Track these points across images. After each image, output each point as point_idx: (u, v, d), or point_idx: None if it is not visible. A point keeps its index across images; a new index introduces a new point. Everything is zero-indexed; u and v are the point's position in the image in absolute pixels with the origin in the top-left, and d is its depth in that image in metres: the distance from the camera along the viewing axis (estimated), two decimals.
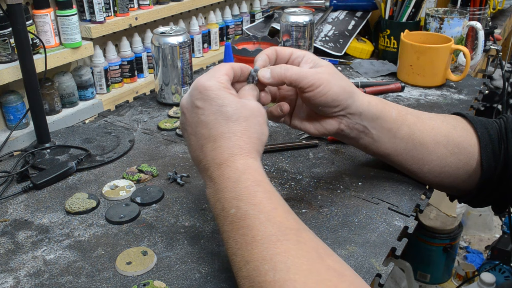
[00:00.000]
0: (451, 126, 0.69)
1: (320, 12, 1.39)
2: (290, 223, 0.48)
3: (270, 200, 0.49)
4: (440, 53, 1.06)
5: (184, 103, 0.57)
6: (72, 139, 0.86)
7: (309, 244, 0.46)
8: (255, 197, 0.49)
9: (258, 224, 0.47)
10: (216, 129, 0.53)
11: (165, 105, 1.01)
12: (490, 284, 1.52)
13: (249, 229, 0.47)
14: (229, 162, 0.52)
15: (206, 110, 0.54)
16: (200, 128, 0.54)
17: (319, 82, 0.60)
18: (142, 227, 0.63)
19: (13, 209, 0.67)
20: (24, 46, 0.76)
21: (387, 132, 0.66)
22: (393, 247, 0.59)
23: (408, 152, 0.68)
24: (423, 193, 0.71)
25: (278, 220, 0.47)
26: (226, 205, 0.50)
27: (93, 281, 0.54)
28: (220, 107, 0.54)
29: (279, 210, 0.49)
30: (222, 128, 0.53)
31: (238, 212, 0.48)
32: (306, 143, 0.83)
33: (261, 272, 0.43)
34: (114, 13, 1.02)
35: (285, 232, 0.46)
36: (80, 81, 0.98)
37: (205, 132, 0.54)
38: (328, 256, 0.45)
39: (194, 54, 1.27)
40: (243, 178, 0.51)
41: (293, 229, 0.47)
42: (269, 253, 0.44)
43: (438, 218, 1.68)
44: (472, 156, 0.67)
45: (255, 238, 0.46)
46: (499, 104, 1.99)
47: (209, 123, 0.54)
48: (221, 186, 0.51)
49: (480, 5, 1.33)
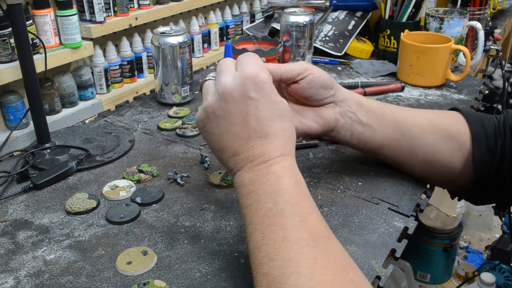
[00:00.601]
0: (435, 113, 0.71)
1: (320, 12, 1.39)
2: (322, 230, 0.48)
3: (307, 203, 0.50)
4: (440, 53, 1.06)
5: (231, 88, 0.53)
6: (72, 139, 0.86)
7: (336, 255, 0.46)
8: (294, 197, 0.49)
9: (292, 225, 0.47)
10: (270, 126, 0.53)
11: (165, 105, 1.01)
12: (490, 284, 1.52)
13: (282, 227, 0.47)
14: (278, 160, 0.52)
15: (261, 103, 0.53)
16: (251, 120, 0.53)
17: (309, 67, 0.64)
18: (142, 227, 0.63)
19: (13, 209, 0.67)
20: (24, 46, 0.76)
21: (374, 118, 0.68)
22: (393, 248, 0.59)
23: (398, 140, 0.68)
24: (423, 192, 0.71)
25: (311, 225, 0.47)
26: (263, 197, 0.50)
27: (94, 281, 0.54)
28: (274, 103, 0.54)
29: (314, 215, 0.49)
30: (276, 125, 0.53)
31: (274, 208, 0.48)
32: (306, 143, 0.83)
33: (284, 273, 0.43)
34: (114, 13, 1.02)
35: (315, 238, 0.46)
36: (80, 81, 0.98)
37: (257, 126, 0.53)
38: (351, 269, 0.45)
39: (194, 54, 1.27)
40: (287, 176, 0.51)
41: (324, 236, 0.47)
42: (297, 256, 0.44)
43: (438, 218, 1.68)
44: (464, 146, 0.67)
45: (286, 239, 0.45)
46: (499, 104, 1.99)
47: (263, 118, 0.53)
48: (264, 179, 0.51)
49: (480, 5, 1.33)
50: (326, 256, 0.44)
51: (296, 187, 0.51)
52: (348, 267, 0.45)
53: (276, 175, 0.51)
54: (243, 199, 0.52)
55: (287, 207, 0.48)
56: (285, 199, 0.49)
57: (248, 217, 0.50)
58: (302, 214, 0.48)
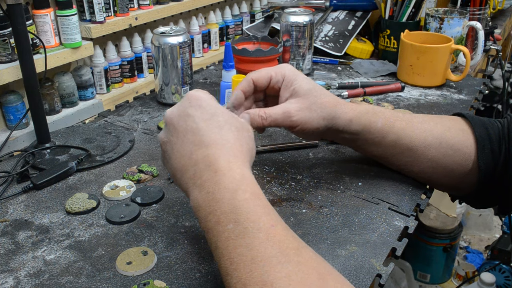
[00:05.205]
0: (446, 128, 0.69)
1: (320, 12, 1.39)
2: (290, 241, 0.45)
3: (269, 216, 0.47)
4: (440, 53, 1.06)
5: (170, 113, 0.55)
6: (72, 139, 0.86)
7: (310, 265, 0.44)
8: (254, 212, 0.46)
9: (258, 243, 0.44)
10: (209, 136, 0.52)
11: (165, 105, 1.01)
12: (490, 284, 1.52)
13: (248, 248, 0.44)
14: (226, 170, 0.49)
15: (197, 117, 0.53)
16: (190, 135, 0.52)
17: (296, 123, 0.64)
18: (142, 227, 0.63)
19: (13, 209, 0.67)
20: (24, 46, 0.76)
21: (371, 142, 0.69)
22: (393, 247, 0.59)
23: (396, 156, 0.70)
24: (423, 193, 0.71)
25: (277, 239, 0.45)
26: (222, 218, 0.47)
27: (94, 281, 0.54)
28: (212, 115, 0.53)
29: (278, 227, 0.46)
30: (215, 135, 0.52)
31: (236, 229, 0.45)
32: (306, 143, 0.83)
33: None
34: (114, 13, 1.02)
35: (285, 252, 0.44)
36: (80, 81, 0.98)
37: (195, 138, 0.52)
38: (329, 276, 0.43)
39: (194, 54, 1.27)
40: (241, 190, 0.48)
41: (293, 248, 0.44)
42: (270, 277, 0.42)
43: (438, 218, 1.68)
44: (468, 157, 0.67)
45: (255, 260, 0.43)
46: (499, 104, 1.99)
47: (201, 130, 0.52)
48: (217, 197, 0.48)
49: (480, 5, 1.33)
50: (299, 269, 0.42)
51: (253, 200, 0.47)
52: (325, 274, 0.43)
53: (229, 191, 0.48)
54: (202, 223, 0.49)
55: (249, 225, 0.45)
56: (245, 217, 0.46)
57: (212, 242, 0.47)
58: (266, 229, 0.45)
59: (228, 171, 0.49)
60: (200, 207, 0.49)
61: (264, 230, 0.45)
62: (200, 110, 0.53)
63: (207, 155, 0.51)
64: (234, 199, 0.47)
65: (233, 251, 0.45)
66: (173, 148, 0.54)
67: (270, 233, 0.45)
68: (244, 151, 0.53)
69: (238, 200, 0.47)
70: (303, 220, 0.64)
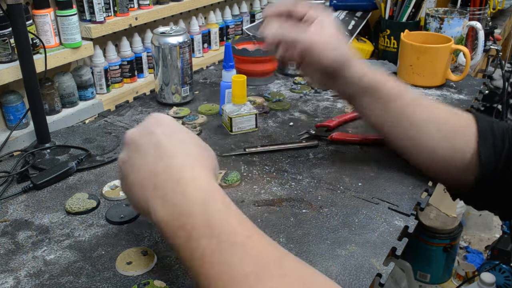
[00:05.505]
0: (453, 113, 0.70)
1: None
2: (269, 252, 0.42)
3: (244, 226, 0.44)
4: (440, 53, 1.06)
5: (131, 133, 0.52)
6: (72, 139, 0.86)
7: (293, 275, 0.41)
8: (228, 223, 0.43)
9: (236, 260, 0.41)
10: (171, 148, 0.49)
11: (165, 105, 1.01)
12: (490, 284, 1.52)
13: (225, 266, 0.41)
14: (190, 179, 0.46)
15: (160, 133, 0.50)
16: (152, 150, 0.49)
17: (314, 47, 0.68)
18: (142, 227, 0.63)
19: (13, 209, 0.67)
20: (24, 46, 0.76)
21: (378, 102, 0.70)
22: (394, 247, 0.59)
23: (399, 128, 0.70)
24: (424, 190, 0.71)
25: (256, 251, 0.42)
26: (194, 234, 0.43)
27: (94, 281, 0.54)
28: (175, 132, 0.51)
29: (255, 237, 0.43)
30: (177, 147, 0.49)
31: (211, 244, 0.42)
32: (306, 143, 0.83)
33: None
34: (114, 13, 1.02)
35: (265, 266, 0.41)
36: (80, 81, 0.98)
37: (157, 151, 0.48)
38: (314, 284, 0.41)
39: (194, 54, 1.27)
40: (212, 200, 0.44)
41: (273, 259, 0.42)
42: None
43: (438, 218, 1.68)
44: (468, 144, 0.66)
45: (234, 278, 0.40)
46: (499, 104, 1.99)
47: (163, 143, 0.49)
48: (185, 210, 0.44)
49: (480, 5, 1.33)
50: (282, 283, 0.40)
51: (226, 210, 0.44)
52: (311, 283, 0.41)
53: (198, 203, 0.44)
54: (170, 239, 0.45)
55: (224, 238, 0.42)
56: (220, 231, 0.42)
57: (186, 260, 0.43)
58: (243, 242, 0.42)
59: (192, 180, 0.46)
60: (166, 223, 0.45)
61: (240, 243, 0.42)
62: (163, 128, 0.51)
63: (169, 165, 0.47)
64: (206, 211, 0.43)
65: (210, 270, 0.41)
66: (133, 164, 0.50)
67: (247, 246, 0.42)
68: (208, 166, 0.50)
69: (210, 213, 0.43)
70: (303, 220, 0.64)
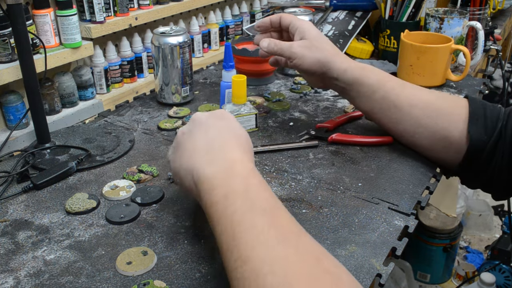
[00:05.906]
0: (438, 96, 0.77)
1: (320, 12, 1.39)
2: (292, 225, 0.48)
3: (273, 200, 0.50)
4: (440, 53, 1.06)
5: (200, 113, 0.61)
6: (72, 139, 0.86)
7: (307, 248, 0.46)
8: (262, 195, 0.50)
9: (263, 223, 0.46)
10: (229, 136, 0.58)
11: (165, 105, 1.01)
12: (490, 284, 1.52)
13: (252, 226, 0.46)
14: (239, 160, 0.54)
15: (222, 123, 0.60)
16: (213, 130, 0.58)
17: (295, 55, 0.78)
18: (142, 227, 0.63)
19: (13, 209, 0.67)
20: (24, 46, 0.76)
21: (362, 94, 0.79)
22: (394, 246, 0.59)
23: (384, 112, 0.78)
24: (425, 188, 0.71)
25: (281, 222, 0.47)
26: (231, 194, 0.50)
27: (94, 281, 0.54)
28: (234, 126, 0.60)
29: (282, 212, 0.49)
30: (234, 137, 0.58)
31: (244, 205, 0.48)
32: (306, 143, 0.83)
33: (259, 275, 0.43)
34: (114, 13, 1.02)
35: (286, 235, 0.46)
36: (80, 81, 0.98)
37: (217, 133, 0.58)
38: (325, 259, 0.45)
39: (194, 54, 1.27)
40: (252, 177, 0.52)
41: (294, 232, 0.47)
42: (269, 256, 0.43)
43: (438, 218, 1.68)
44: (454, 124, 0.72)
45: (258, 238, 0.45)
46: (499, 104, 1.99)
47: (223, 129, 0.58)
48: (229, 174, 0.52)
49: (480, 5, 1.33)
50: (297, 251, 0.44)
51: (263, 186, 0.51)
52: (322, 257, 0.45)
53: (241, 176, 0.52)
54: (205, 195, 0.52)
55: (256, 204, 0.48)
56: (254, 197, 0.49)
57: (214, 216, 0.50)
58: (272, 211, 0.48)
59: (240, 162, 0.54)
60: (208, 180, 0.52)
61: (269, 211, 0.48)
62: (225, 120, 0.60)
63: (224, 145, 0.56)
64: (246, 182, 0.51)
65: (237, 227, 0.46)
66: (192, 136, 0.58)
67: (275, 215, 0.48)
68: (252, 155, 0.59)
69: (249, 184, 0.51)
70: (303, 220, 0.64)
